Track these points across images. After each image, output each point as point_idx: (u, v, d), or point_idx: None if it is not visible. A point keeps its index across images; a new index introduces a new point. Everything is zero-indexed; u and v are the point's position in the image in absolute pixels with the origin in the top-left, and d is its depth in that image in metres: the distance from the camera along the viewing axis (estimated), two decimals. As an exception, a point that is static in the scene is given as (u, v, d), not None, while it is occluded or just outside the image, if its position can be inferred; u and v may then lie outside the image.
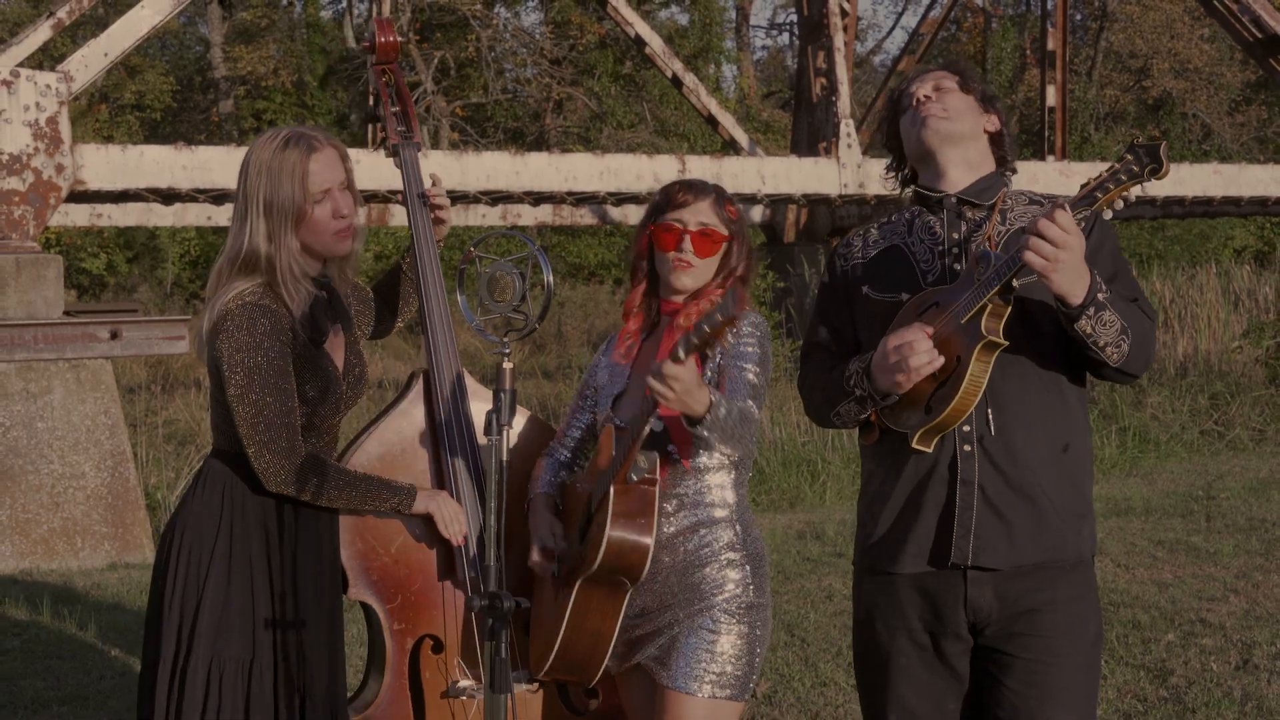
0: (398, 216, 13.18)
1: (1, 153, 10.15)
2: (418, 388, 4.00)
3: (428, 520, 3.86)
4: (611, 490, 3.40)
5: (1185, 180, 15.50)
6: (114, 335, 10.04)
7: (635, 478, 3.39)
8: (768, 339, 3.66)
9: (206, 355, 3.69)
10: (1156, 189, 15.12)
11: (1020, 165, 14.44)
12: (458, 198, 12.57)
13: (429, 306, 3.97)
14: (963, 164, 3.41)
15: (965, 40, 35.48)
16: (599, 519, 3.46)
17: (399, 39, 4.18)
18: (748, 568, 3.60)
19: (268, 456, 3.60)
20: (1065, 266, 3.01)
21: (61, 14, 11.02)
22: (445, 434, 3.93)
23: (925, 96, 3.43)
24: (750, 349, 3.60)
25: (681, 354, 3.13)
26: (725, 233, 3.69)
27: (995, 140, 3.48)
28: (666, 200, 3.71)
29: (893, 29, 37.78)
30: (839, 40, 14.13)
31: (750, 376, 3.56)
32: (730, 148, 14.64)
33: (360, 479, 3.75)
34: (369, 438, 3.94)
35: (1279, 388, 13.64)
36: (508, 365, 3.00)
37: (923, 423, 3.21)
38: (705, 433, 3.35)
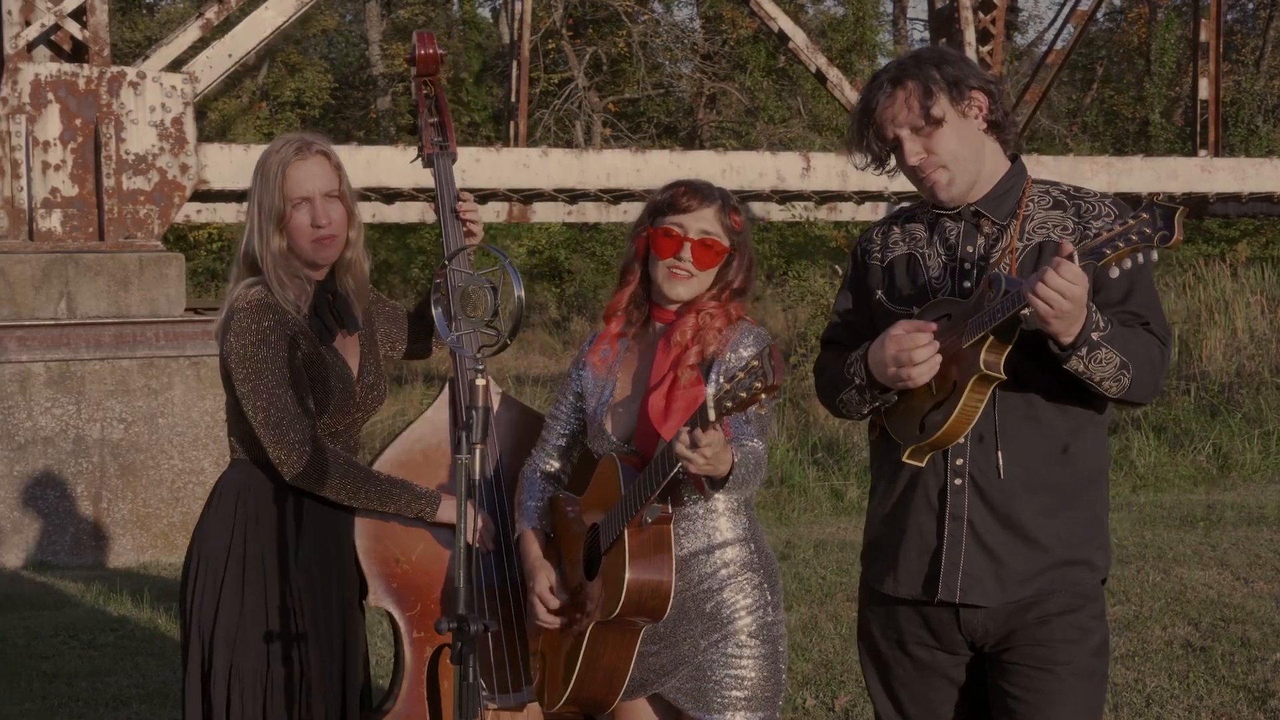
0: (539, 213, 13.19)
1: (128, 153, 10.37)
2: (444, 395, 3.97)
3: (450, 529, 3.79)
4: (626, 533, 3.26)
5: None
6: (234, 333, 10.18)
7: (650, 519, 3.26)
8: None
9: (219, 355, 3.72)
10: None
11: (1161, 162, 14.07)
12: (578, 196, 12.58)
13: None
14: (978, 181, 3.21)
15: (1130, 30, 34.62)
16: (613, 561, 3.31)
17: (440, 51, 4.18)
18: (765, 586, 3.44)
19: (283, 447, 3.60)
20: (1066, 315, 2.88)
21: (210, 14, 11.25)
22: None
23: (916, 163, 3.16)
24: None
25: (712, 416, 2.96)
26: (727, 244, 3.44)
27: (993, 125, 3.21)
28: (669, 202, 3.44)
29: (1053, 21, 36.94)
30: (970, 34, 13.83)
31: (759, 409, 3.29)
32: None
33: (381, 479, 3.73)
34: (393, 444, 3.92)
35: None
36: (481, 382, 2.90)
37: (916, 439, 3.10)
38: (724, 490, 3.20)
